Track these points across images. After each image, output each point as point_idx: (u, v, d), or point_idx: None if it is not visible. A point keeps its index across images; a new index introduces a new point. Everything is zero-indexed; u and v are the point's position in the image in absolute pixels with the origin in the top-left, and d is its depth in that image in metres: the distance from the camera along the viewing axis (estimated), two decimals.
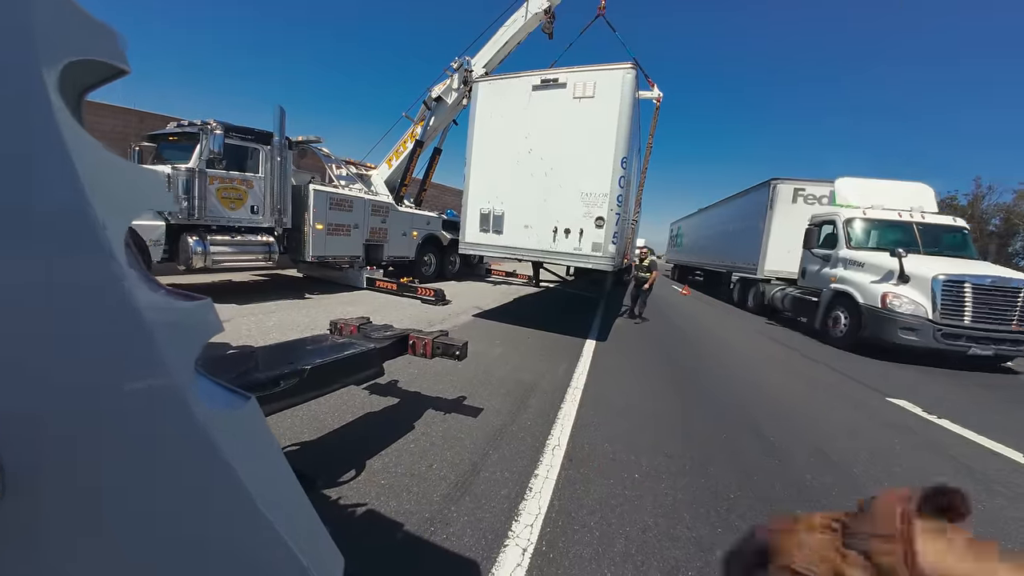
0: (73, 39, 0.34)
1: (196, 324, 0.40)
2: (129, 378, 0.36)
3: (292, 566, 0.57)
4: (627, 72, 5.16)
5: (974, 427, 4.01)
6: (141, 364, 0.36)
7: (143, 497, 0.39)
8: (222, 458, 0.42)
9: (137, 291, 0.35)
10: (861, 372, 5.82)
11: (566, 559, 1.86)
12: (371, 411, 3.07)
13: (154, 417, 0.38)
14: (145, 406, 0.37)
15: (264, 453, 0.51)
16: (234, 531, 0.47)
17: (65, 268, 0.33)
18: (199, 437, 0.39)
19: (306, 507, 0.61)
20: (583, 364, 4.85)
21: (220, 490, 0.43)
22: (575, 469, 2.59)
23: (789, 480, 2.72)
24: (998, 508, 2.66)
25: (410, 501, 2.12)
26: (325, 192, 7.74)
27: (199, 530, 0.44)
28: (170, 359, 0.37)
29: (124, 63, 0.39)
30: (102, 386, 0.35)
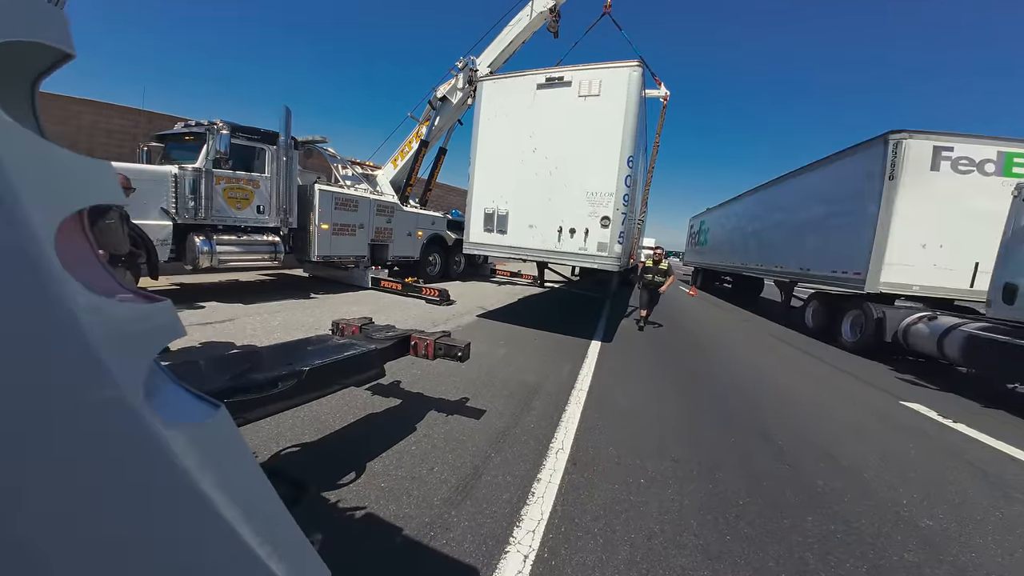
0: (14, 19, 0.30)
1: (151, 328, 0.36)
2: (60, 386, 0.32)
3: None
4: (633, 70, 5.09)
5: (990, 431, 3.91)
6: (76, 371, 0.32)
7: (88, 524, 0.35)
8: (182, 471, 0.38)
9: (72, 291, 0.31)
10: (872, 375, 5.70)
11: (569, 566, 1.82)
12: (373, 412, 3.04)
13: (96, 431, 0.34)
14: (82, 416, 0.33)
15: (235, 464, 0.47)
16: (203, 552, 0.44)
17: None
18: (155, 449, 0.35)
19: (286, 519, 0.57)
20: (588, 366, 4.79)
21: (181, 505, 0.39)
22: (579, 473, 2.54)
23: (800, 486, 2.65)
24: (1016, 515, 2.59)
25: (410, 505, 2.08)
26: (331, 192, 7.75)
27: (163, 555, 0.40)
28: (115, 364, 0.33)
29: (69, 47, 0.36)
30: (27, 398, 0.31)
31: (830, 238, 8.23)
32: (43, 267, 0.30)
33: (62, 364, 0.32)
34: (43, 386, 0.31)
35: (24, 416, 0.31)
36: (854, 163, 7.76)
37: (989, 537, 2.32)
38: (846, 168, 8.03)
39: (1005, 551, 2.21)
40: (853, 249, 7.30)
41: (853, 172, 7.73)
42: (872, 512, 2.45)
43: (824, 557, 2.03)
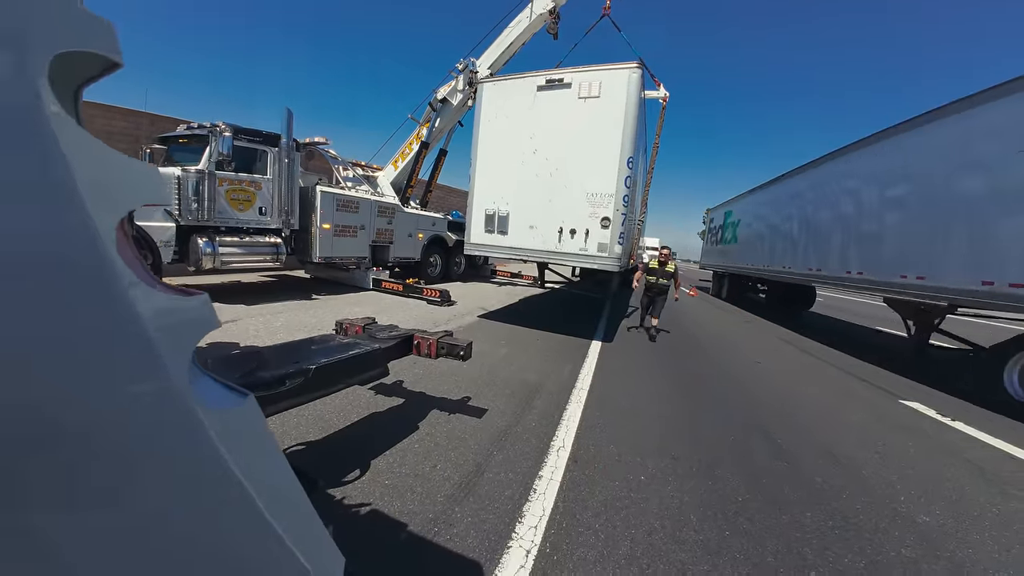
0: (66, 30, 0.34)
1: (194, 320, 0.40)
2: (124, 375, 0.36)
3: (291, 565, 0.57)
4: (633, 71, 5.13)
5: (989, 429, 3.94)
6: (138, 361, 0.36)
7: (139, 494, 0.39)
8: (220, 455, 0.41)
9: (132, 287, 0.35)
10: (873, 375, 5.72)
11: (570, 561, 1.85)
12: (376, 411, 3.07)
13: (151, 413, 0.37)
14: (142, 402, 0.37)
15: (263, 451, 0.51)
16: (233, 529, 0.47)
17: (55, 262, 0.33)
18: (197, 435, 0.39)
19: (306, 506, 0.61)
20: (588, 365, 4.83)
21: (217, 487, 0.43)
22: (580, 471, 2.57)
23: (799, 482, 2.68)
24: (1013, 511, 2.61)
25: (414, 501, 2.12)
26: (332, 194, 7.79)
27: (196, 528, 0.44)
28: (167, 355, 0.37)
29: (117, 56, 0.39)
30: (94, 384, 0.35)
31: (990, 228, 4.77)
32: (108, 265, 0.33)
33: (126, 356, 0.36)
34: (111, 375, 0.35)
35: (89, 405, 0.35)
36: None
37: (986, 533, 2.35)
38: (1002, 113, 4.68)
39: (1002, 547, 2.23)
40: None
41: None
42: (870, 508, 2.48)
43: (822, 552, 2.06)
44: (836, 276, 7.81)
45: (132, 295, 0.35)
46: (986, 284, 4.75)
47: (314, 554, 0.62)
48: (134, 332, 0.35)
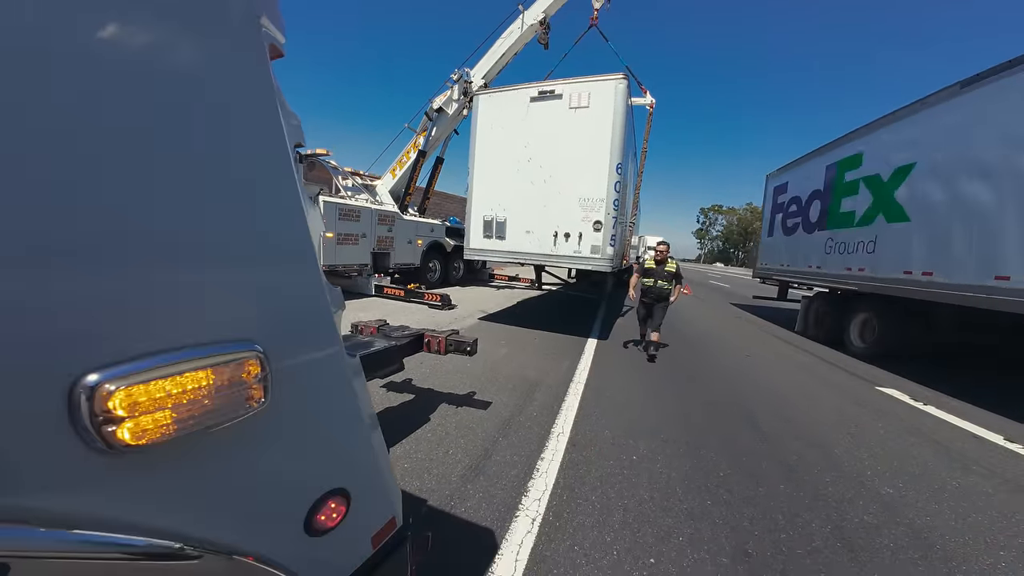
0: (294, 130, 0.62)
1: (338, 300, 0.70)
2: (323, 339, 0.66)
3: (377, 477, 0.84)
4: (619, 82, 5.44)
5: (960, 413, 4.20)
6: (329, 330, 0.65)
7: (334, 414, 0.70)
8: (352, 386, 0.71)
9: (325, 286, 0.64)
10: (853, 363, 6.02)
11: (570, 527, 2.11)
12: (390, 406, 3.34)
13: (335, 362, 0.68)
14: (334, 351, 0.67)
15: (364, 395, 0.79)
16: (359, 443, 0.76)
17: (305, 272, 0.62)
18: (346, 371, 0.68)
19: (382, 441, 0.89)
20: (585, 361, 5.10)
21: (355, 410, 0.72)
22: (578, 452, 2.84)
23: (776, 459, 2.96)
24: (971, 484, 2.85)
25: (431, 481, 2.38)
26: (335, 203, 8.05)
27: (345, 434, 0.74)
28: (336, 320, 0.67)
29: (303, 139, 0.70)
30: (317, 343, 0.65)
31: None
32: (319, 277, 0.62)
33: (329, 329, 0.66)
34: (321, 344, 0.65)
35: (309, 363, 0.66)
36: None
37: (944, 504, 2.56)
38: None
39: (958, 515, 2.45)
40: None
41: None
42: (838, 481, 2.74)
43: (792, 519, 2.31)
44: None
45: (327, 295, 0.64)
46: None
47: (390, 477, 0.90)
48: (330, 317, 0.65)
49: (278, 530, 0.64)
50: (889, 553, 2.10)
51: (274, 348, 0.58)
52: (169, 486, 0.51)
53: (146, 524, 0.49)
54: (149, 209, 0.46)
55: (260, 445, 0.59)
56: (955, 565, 2.04)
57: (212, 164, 0.51)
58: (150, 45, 0.45)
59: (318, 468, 0.69)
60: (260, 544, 0.61)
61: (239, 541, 0.58)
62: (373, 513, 0.84)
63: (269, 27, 0.62)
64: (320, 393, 0.67)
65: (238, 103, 0.53)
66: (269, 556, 0.61)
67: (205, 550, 0.53)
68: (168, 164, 0.47)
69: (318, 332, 0.66)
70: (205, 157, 0.50)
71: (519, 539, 1.99)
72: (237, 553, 0.57)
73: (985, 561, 2.08)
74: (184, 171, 0.48)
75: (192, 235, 0.50)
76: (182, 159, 0.48)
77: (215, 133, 0.51)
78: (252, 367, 0.54)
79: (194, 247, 0.50)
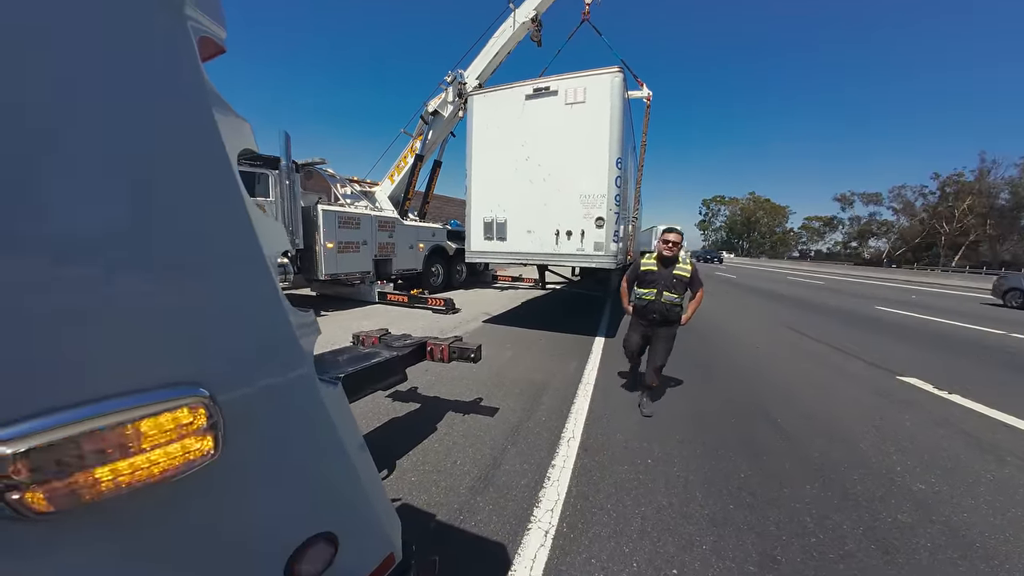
0: (241, 136, 0.53)
1: (310, 325, 0.59)
2: (291, 363, 0.56)
3: (367, 512, 0.75)
4: (615, 76, 5.33)
5: (987, 402, 4.03)
6: (296, 353, 0.56)
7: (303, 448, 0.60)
8: (328, 415, 0.61)
9: (285, 304, 0.54)
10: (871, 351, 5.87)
11: (586, 538, 2.01)
12: (396, 416, 3.25)
13: (305, 384, 0.58)
14: (300, 378, 0.57)
15: (349, 420, 0.70)
16: (343, 480, 0.67)
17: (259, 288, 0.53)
18: (320, 400, 0.59)
19: (375, 471, 0.79)
20: (593, 361, 4.99)
21: (329, 435, 0.62)
22: (590, 458, 2.74)
23: (798, 458, 2.84)
24: (1007, 476, 2.71)
25: (439, 494, 2.28)
26: (334, 212, 7.99)
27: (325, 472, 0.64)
28: (307, 351, 0.56)
29: (255, 145, 0.60)
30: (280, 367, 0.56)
31: None
32: (275, 290, 0.52)
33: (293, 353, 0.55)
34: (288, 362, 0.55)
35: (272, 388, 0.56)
36: None
37: (980, 499, 2.44)
38: None
39: (996, 511, 2.32)
40: None
41: None
42: (867, 479, 2.62)
43: (821, 521, 2.20)
44: None
45: (287, 309, 0.54)
46: None
47: (383, 510, 0.81)
48: (292, 337, 0.55)
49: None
50: (927, 554, 1.98)
51: (228, 392, 0.49)
52: (110, 551, 0.43)
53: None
54: (57, 238, 0.37)
55: (216, 499, 0.51)
56: (998, 564, 1.92)
57: (112, 168, 0.42)
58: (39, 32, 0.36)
59: (295, 515, 0.60)
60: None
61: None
62: (366, 552, 0.75)
63: (201, 18, 0.53)
64: (292, 436, 0.58)
65: (147, 100, 0.44)
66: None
67: None
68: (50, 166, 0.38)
69: (286, 369, 0.57)
70: (103, 159, 0.41)
71: (532, 553, 1.89)
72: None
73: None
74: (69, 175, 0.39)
75: (111, 262, 0.41)
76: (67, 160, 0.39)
77: (116, 131, 0.42)
78: (197, 415, 0.45)
79: (100, 276, 0.41)
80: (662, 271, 3.40)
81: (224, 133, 0.49)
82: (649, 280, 3.43)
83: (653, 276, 3.41)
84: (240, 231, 0.49)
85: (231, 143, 0.50)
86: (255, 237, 0.49)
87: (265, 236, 0.51)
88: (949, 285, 20.76)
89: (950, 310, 11.06)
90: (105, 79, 0.40)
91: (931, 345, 6.56)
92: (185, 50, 0.46)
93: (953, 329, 8.07)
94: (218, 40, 0.62)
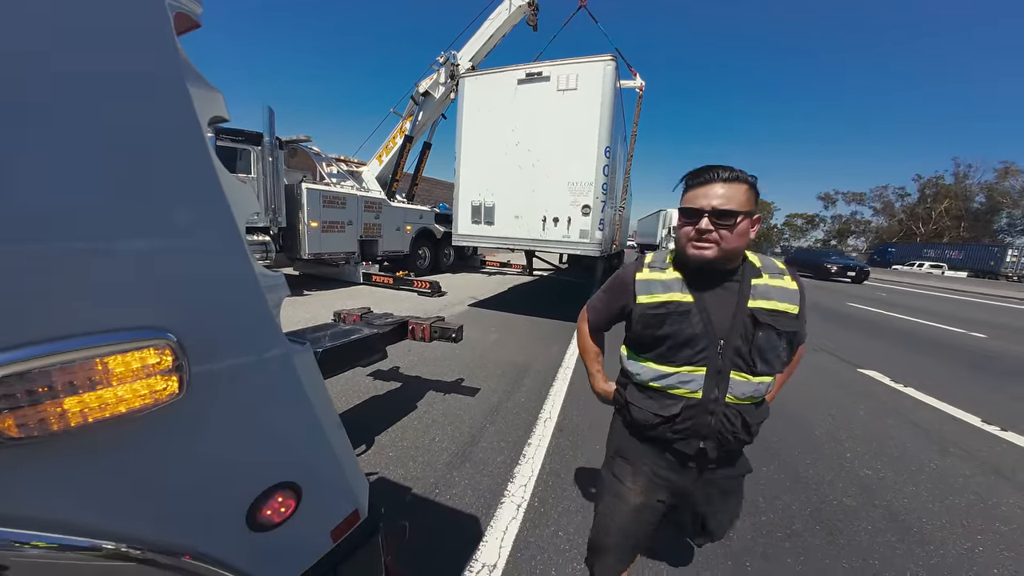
0: (212, 104, 0.56)
1: (279, 287, 0.65)
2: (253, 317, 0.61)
3: (331, 467, 0.81)
4: (607, 64, 5.33)
5: (939, 395, 4.25)
6: (261, 309, 0.61)
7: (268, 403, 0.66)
8: (297, 376, 0.66)
9: (253, 261, 0.59)
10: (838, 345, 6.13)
11: (555, 512, 2.12)
12: (376, 394, 3.30)
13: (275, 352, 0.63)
14: (264, 335, 0.62)
15: (316, 380, 0.75)
16: (310, 437, 0.72)
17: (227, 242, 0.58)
18: (289, 360, 0.64)
19: (341, 428, 0.85)
20: (574, 346, 5.10)
21: (304, 402, 0.67)
22: (565, 438, 2.85)
23: (757, 442, 2.99)
24: (949, 466, 2.86)
25: (416, 469, 2.37)
26: (318, 190, 7.86)
27: (292, 429, 0.70)
28: (275, 313, 0.61)
29: (226, 114, 0.63)
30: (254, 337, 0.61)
31: None
32: (243, 246, 0.58)
33: (261, 309, 0.60)
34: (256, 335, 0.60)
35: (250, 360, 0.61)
36: None
37: (922, 486, 2.57)
38: None
39: (936, 497, 2.46)
40: None
41: None
42: (818, 463, 2.77)
43: (772, 501, 2.32)
44: None
45: (257, 272, 0.59)
46: None
47: (351, 469, 0.87)
48: (260, 293, 0.60)
49: (215, 526, 0.61)
50: (867, 536, 2.12)
51: (195, 339, 0.54)
52: (72, 479, 0.48)
53: (52, 519, 0.45)
54: (31, 187, 0.41)
55: (180, 440, 0.55)
56: (932, 549, 2.03)
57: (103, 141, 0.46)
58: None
59: (258, 463, 0.65)
60: (195, 540, 0.58)
61: (169, 537, 0.55)
62: (330, 507, 0.81)
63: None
64: (256, 387, 0.63)
65: (132, 76, 0.47)
66: (206, 552, 0.58)
67: (127, 547, 0.50)
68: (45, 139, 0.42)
69: (252, 324, 0.62)
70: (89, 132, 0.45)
71: (504, 525, 1.99)
72: (168, 551, 0.54)
73: (963, 545, 2.08)
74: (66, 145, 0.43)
75: (85, 216, 0.45)
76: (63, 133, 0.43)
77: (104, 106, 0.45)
78: (163, 357, 0.50)
79: (87, 230, 0.45)
80: (711, 302, 1.12)
81: (196, 102, 0.52)
82: (677, 336, 1.12)
83: (684, 323, 1.11)
84: (209, 191, 0.54)
85: (202, 111, 0.54)
86: (224, 196, 0.54)
87: (233, 196, 0.55)
88: (921, 285, 21.54)
89: (918, 308, 11.53)
90: (81, 50, 0.44)
91: (894, 340, 6.87)
92: (160, 23, 0.50)
93: (917, 327, 8.44)
94: (193, 15, 0.65)
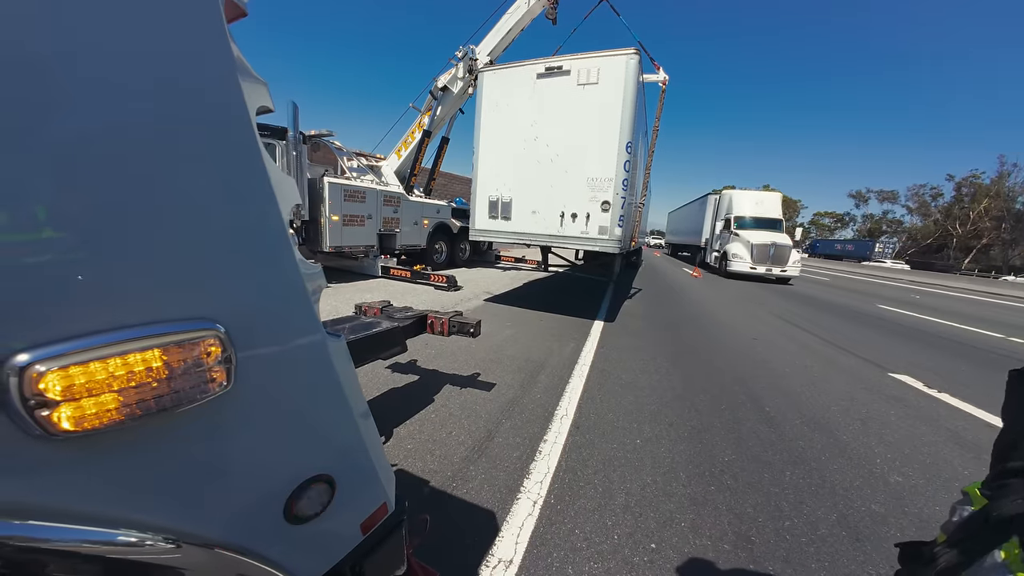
0: (258, 95, 0.57)
1: (318, 277, 0.66)
2: (300, 322, 0.62)
3: (364, 461, 0.81)
4: (630, 57, 5.21)
5: (975, 402, 4.08)
6: (304, 304, 0.61)
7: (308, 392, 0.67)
8: (335, 369, 0.66)
9: (297, 254, 0.60)
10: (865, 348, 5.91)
11: (572, 510, 2.11)
12: (395, 387, 3.34)
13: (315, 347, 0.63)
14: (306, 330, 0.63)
15: (350, 375, 0.75)
16: (343, 430, 0.73)
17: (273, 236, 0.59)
18: (325, 350, 0.65)
19: (372, 423, 0.85)
20: (591, 343, 5.07)
21: (339, 395, 0.68)
22: (581, 435, 2.83)
23: (782, 445, 2.92)
24: (983, 474, 2.70)
25: (434, 462, 2.39)
26: (340, 184, 7.98)
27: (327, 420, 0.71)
28: (314, 304, 0.62)
29: (271, 105, 0.64)
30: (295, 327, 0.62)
31: None
32: (287, 239, 0.58)
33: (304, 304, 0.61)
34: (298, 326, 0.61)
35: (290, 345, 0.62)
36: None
37: (955, 493, 2.46)
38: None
39: None
40: None
41: None
42: (846, 469, 2.69)
43: (798, 506, 2.27)
44: None
45: (300, 265, 0.60)
46: None
47: (378, 457, 0.87)
48: (303, 287, 0.60)
49: (255, 519, 0.62)
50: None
51: (241, 330, 0.54)
52: (122, 474, 0.48)
53: (101, 514, 0.46)
54: (90, 180, 0.41)
55: (226, 431, 0.56)
56: None
57: (157, 131, 0.46)
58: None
59: (297, 455, 0.66)
60: (235, 534, 0.58)
61: (210, 531, 0.55)
62: (361, 499, 0.81)
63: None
64: (298, 378, 0.64)
65: (186, 67, 0.47)
66: (246, 545, 0.59)
67: (171, 541, 0.50)
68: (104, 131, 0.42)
69: (294, 315, 0.62)
70: (145, 123, 0.45)
71: (520, 521, 1.99)
72: (209, 543, 0.54)
73: None
74: (123, 139, 0.43)
75: (139, 209, 0.45)
76: (120, 126, 0.43)
77: (158, 98, 0.46)
78: (212, 347, 0.50)
79: (140, 222, 0.45)
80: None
81: (245, 91, 0.52)
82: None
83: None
84: (262, 199, 0.54)
85: (250, 101, 0.54)
86: (272, 188, 0.54)
87: (279, 187, 0.56)
88: (955, 287, 20.58)
89: (954, 312, 11.03)
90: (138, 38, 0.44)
91: (928, 345, 6.59)
92: (212, 12, 0.50)
93: (952, 330, 8.08)
94: (241, 3, 0.65)
